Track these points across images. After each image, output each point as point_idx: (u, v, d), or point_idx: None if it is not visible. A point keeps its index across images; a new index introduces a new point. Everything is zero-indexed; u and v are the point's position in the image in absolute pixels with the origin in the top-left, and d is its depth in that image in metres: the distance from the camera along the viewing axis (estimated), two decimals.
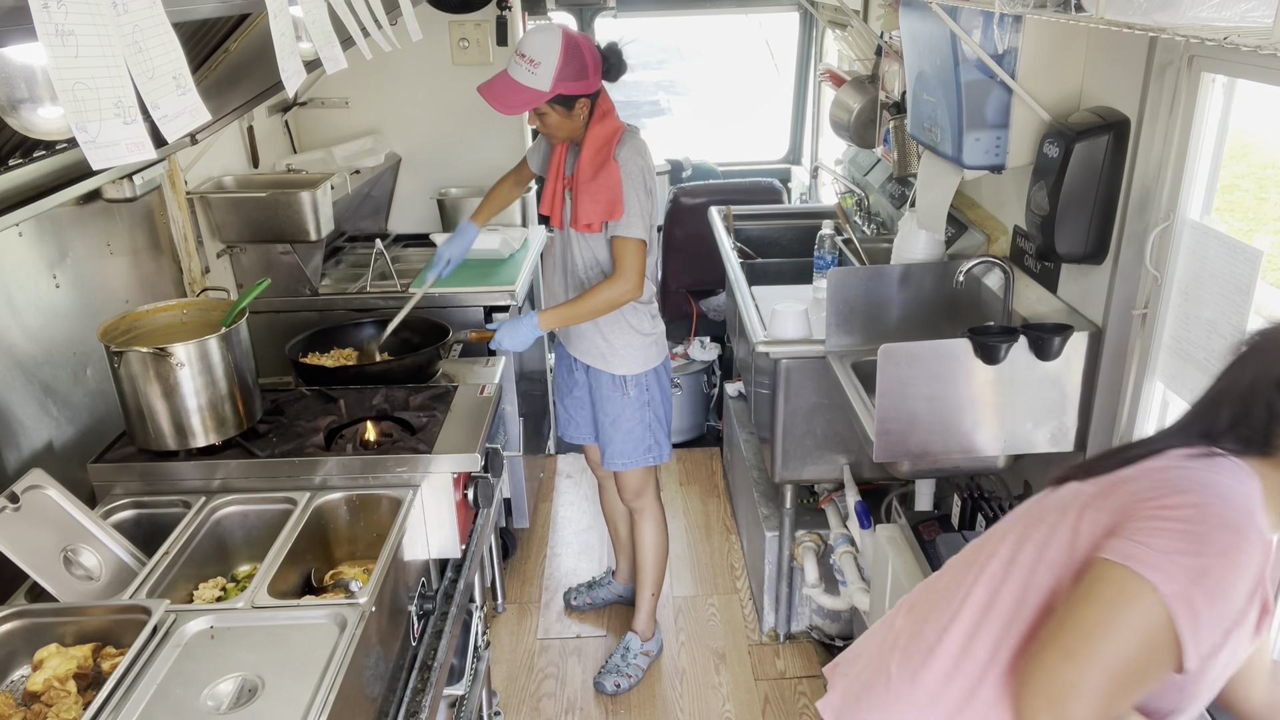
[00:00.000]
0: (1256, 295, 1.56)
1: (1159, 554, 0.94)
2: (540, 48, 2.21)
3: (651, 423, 2.62)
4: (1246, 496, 1.00)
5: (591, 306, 2.38)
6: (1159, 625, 0.93)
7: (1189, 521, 0.96)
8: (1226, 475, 1.02)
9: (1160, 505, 0.99)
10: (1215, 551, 0.94)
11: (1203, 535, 0.95)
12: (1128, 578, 0.95)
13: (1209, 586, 0.93)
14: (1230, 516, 0.97)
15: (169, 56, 0.84)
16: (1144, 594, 0.93)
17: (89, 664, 1.40)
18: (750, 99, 7.56)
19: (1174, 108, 1.76)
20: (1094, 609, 0.96)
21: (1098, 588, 0.97)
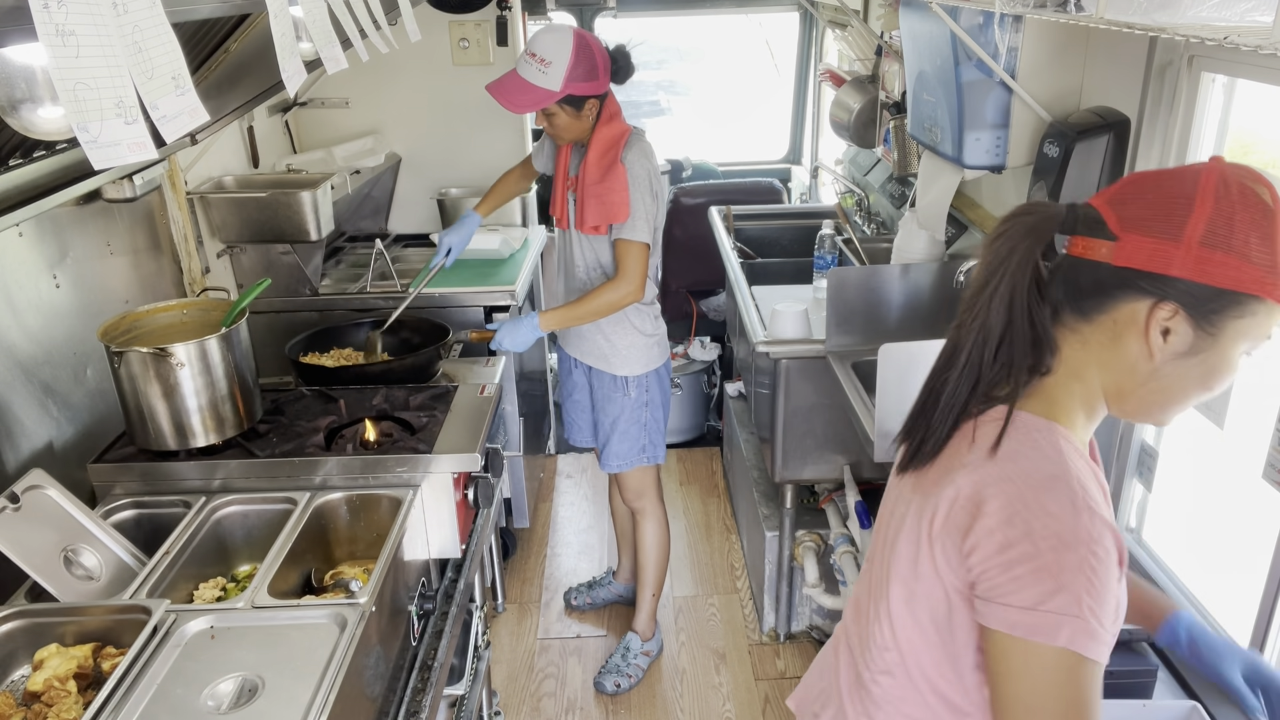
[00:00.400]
0: None
1: (1034, 613, 0.94)
2: (552, 47, 2.21)
3: (648, 423, 2.62)
4: (1056, 465, 0.99)
5: (593, 308, 2.38)
6: (1077, 663, 0.94)
7: (1030, 560, 0.94)
8: (1029, 460, 1.00)
9: (996, 547, 0.97)
10: (1073, 572, 0.93)
11: (1050, 567, 0.94)
12: (1021, 646, 0.95)
13: (1090, 604, 0.93)
14: (1059, 522, 0.95)
15: (168, 57, 0.84)
16: (1045, 654, 0.94)
17: (89, 664, 1.40)
18: (750, 99, 7.55)
19: (1174, 108, 1.76)
20: (1019, 684, 0.97)
21: (1009, 663, 0.97)
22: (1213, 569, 1.86)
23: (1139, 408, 1.06)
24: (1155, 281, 0.96)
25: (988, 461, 1.02)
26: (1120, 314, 0.99)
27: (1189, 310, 0.96)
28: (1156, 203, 0.97)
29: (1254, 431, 1.53)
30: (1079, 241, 1.01)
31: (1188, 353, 0.98)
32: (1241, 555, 1.77)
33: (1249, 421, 1.60)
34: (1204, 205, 0.94)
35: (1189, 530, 2.02)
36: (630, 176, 2.32)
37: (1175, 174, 0.99)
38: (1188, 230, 0.94)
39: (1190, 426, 1.81)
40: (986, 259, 1.03)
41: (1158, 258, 0.95)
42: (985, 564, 0.98)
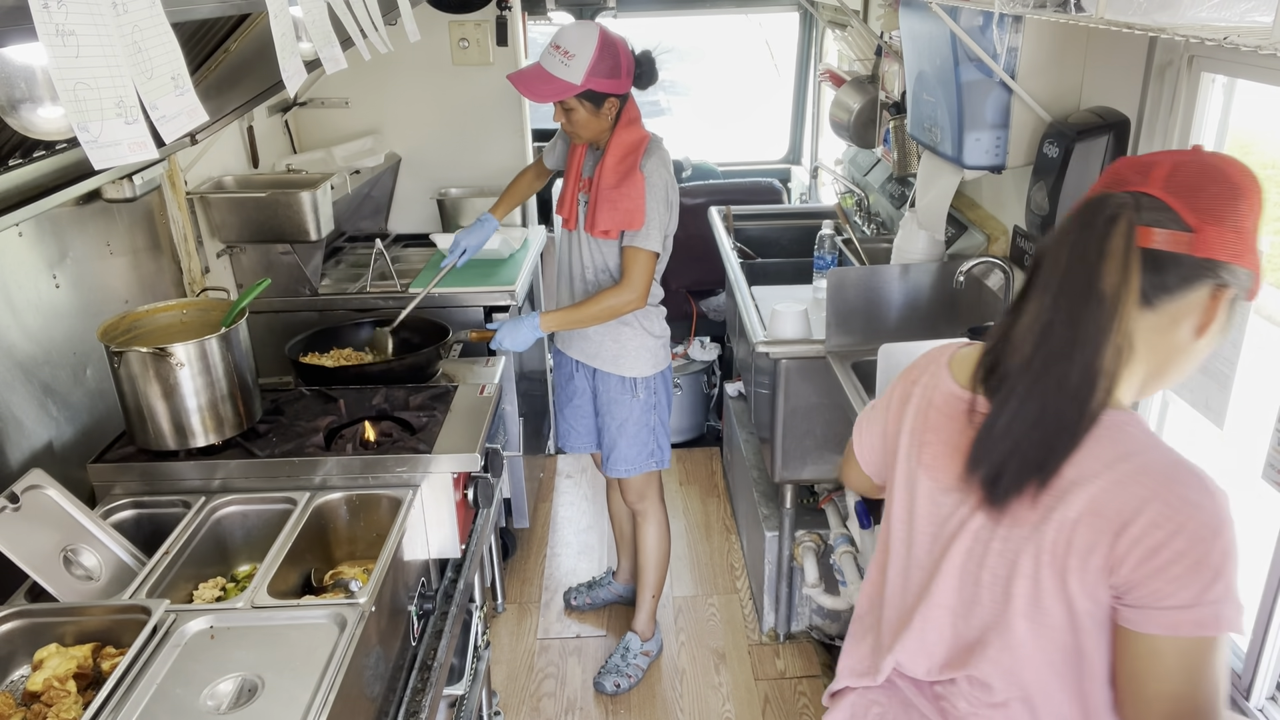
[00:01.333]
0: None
1: (1194, 609, 0.95)
2: (576, 41, 2.22)
3: (655, 426, 2.62)
4: (1167, 451, 1.01)
5: (594, 313, 2.38)
6: (1224, 643, 0.98)
7: (1184, 556, 0.95)
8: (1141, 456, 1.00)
9: (1147, 554, 0.97)
10: (1222, 557, 0.95)
11: (1205, 558, 0.95)
12: (1181, 644, 0.97)
13: (1235, 584, 0.95)
14: (1199, 509, 0.96)
15: (168, 57, 0.84)
16: (1206, 645, 0.96)
17: (89, 664, 1.40)
18: (750, 99, 7.55)
19: (1174, 108, 1.76)
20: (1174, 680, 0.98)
21: (1158, 663, 0.98)
22: None
23: (1163, 385, 1.10)
24: (1226, 269, 1.01)
25: (1099, 472, 1.00)
26: (1186, 301, 1.02)
27: (1238, 293, 1.03)
28: (1217, 196, 1.00)
29: (1254, 431, 1.53)
30: (1158, 234, 1.01)
31: (1220, 330, 1.05)
32: (1241, 555, 1.76)
33: (1249, 421, 1.60)
34: (1249, 195, 1.00)
35: None
36: (648, 185, 2.32)
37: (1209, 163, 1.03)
38: (1246, 222, 1.00)
39: (1190, 426, 1.81)
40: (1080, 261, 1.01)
41: (1231, 247, 1.00)
42: (1136, 573, 0.98)
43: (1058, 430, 1.02)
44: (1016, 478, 1.04)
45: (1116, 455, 1.01)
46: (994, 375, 1.09)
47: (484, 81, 3.50)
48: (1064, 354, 1.02)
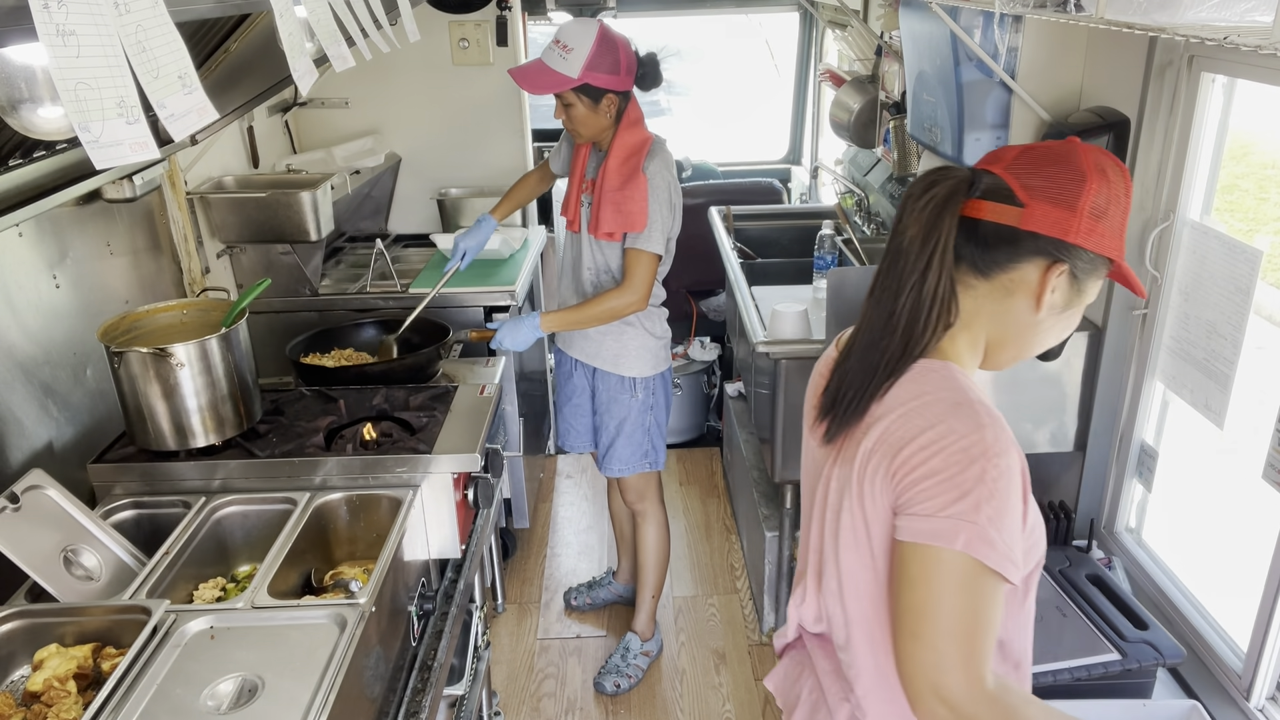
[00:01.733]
0: (1256, 295, 1.56)
1: (935, 519, 1.01)
2: (576, 35, 2.24)
3: (651, 428, 2.62)
4: (958, 393, 1.08)
5: (595, 314, 2.39)
6: (973, 572, 1.00)
7: (938, 473, 1.02)
8: (931, 394, 1.08)
9: (909, 468, 1.05)
10: (974, 482, 1.00)
11: (954, 476, 1.01)
12: (924, 552, 1.02)
13: (989, 513, 1.00)
14: (963, 438, 1.03)
15: (173, 56, 0.84)
16: (944, 559, 1.01)
17: (89, 664, 1.39)
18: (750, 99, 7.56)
19: (1174, 108, 1.76)
20: (916, 591, 1.02)
21: (909, 570, 1.04)
22: (1213, 569, 1.87)
23: (1007, 357, 1.18)
24: (1056, 245, 1.08)
25: (894, 409, 1.10)
26: (1017, 273, 1.10)
27: (1073, 270, 1.09)
28: (1053, 176, 1.08)
29: (1254, 431, 1.53)
30: (986, 205, 1.10)
31: (1063, 307, 1.12)
32: (1241, 555, 1.77)
33: (1249, 421, 1.60)
34: (1092, 181, 1.07)
35: (1189, 530, 2.02)
36: (651, 188, 2.32)
37: (1057, 150, 1.11)
38: (1081, 202, 1.07)
39: (1190, 426, 1.81)
40: (920, 225, 1.10)
41: (1060, 224, 1.07)
42: (901, 484, 1.06)
43: (873, 371, 1.13)
44: (841, 414, 1.16)
45: (911, 394, 1.10)
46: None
47: (484, 81, 3.50)
48: (883, 306, 1.13)
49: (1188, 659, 1.66)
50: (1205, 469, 2.00)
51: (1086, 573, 1.82)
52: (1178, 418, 1.89)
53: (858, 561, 1.15)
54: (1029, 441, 2.02)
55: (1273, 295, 1.74)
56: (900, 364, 1.12)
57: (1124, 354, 1.94)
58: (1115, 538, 2.05)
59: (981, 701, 1.00)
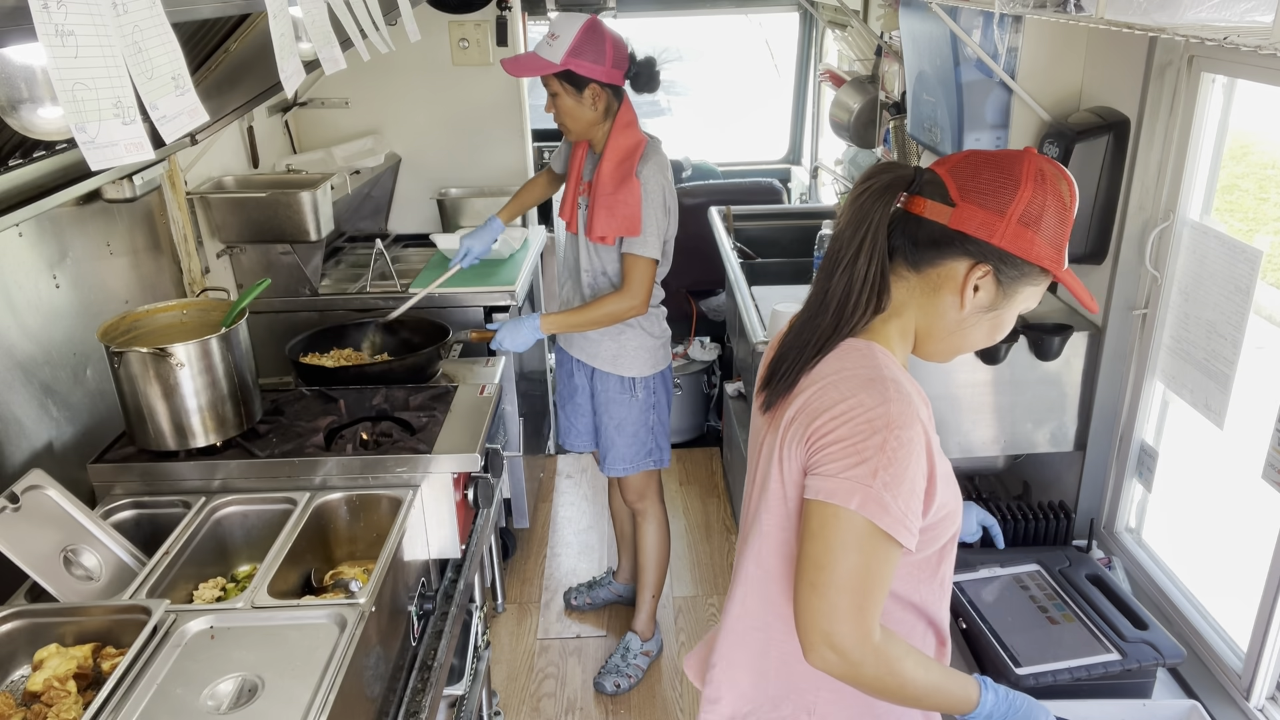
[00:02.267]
0: (1256, 295, 1.56)
1: (835, 479, 1.09)
2: (563, 24, 2.27)
3: (655, 426, 2.62)
4: (872, 370, 1.15)
5: (594, 317, 2.40)
6: (866, 532, 1.08)
7: (843, 440, 1.10)
8: (849, 370, 1.16)
9: (819, 434, 1.13)
10: (874, 451, 1.08)
11: (857, 444, 1.09)
12: (824, 509, 1.10)
13: (885, 479, 1.08)
14: (869, 410, 1.10)
15: (168, 57, 0.84)
16: (841, 516, 1.09)
17: (89, 664, 1.40)
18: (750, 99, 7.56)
19: (1174, 108, 1.76)
20: (815, 543, 1.11)
21: (811, 524, 1.12)
22: (1213, 569, 1.86)
23: (939, 349, 1.24)
24: (979, 246, 1.13)
25: (815, 381, 1.18)
26: (944, 269, 1.17)
27: (998, 273, 1.15)
28: (990, 180, 1.13)
29: (1254, 431, 1.53)
30: (922, 202, 1.16)
31: (988, 307, 1.18)
32: (1241, 555, 1.77)
33: (1249, 421, 1.60)
34: (1026, 189, 1.12)
35: (1189, 530, 2.02)
36: (645, 192, 2.32)
37: (1003, 157, 1.16)
38: (1011, 208, 1.11)
39: (1190, 426, 1.81)
40: (853, 215, 1.17)
41: (985, 227, 1.12)
42: (812, 448, 1.14)
43: (804, 345, 1.21)
44: (775, 385, 1.23)
45: (833, 369, 1.17)
46: None
47: (484, 82, 3.50)
48: (819, 286, 1.21)
49: (1188, 659, 1.66)
50: (1205, 469, 2.00)
51: (1086, 573, 1.82)
52: (1178, 418, 1.89)
53: (774, 523, 1.23)
54: (1029, 441, 2.02)
55: (1273, 295, 1.73)
56: (830, 340, 1.19)
57: (1124, 354, 1.94)
58: (1115, 538, 2.05)
59: (868, 651, 1.09)
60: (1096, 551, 1.97)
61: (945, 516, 1.19)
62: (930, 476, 1.13)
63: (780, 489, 1.21)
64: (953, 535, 1.24)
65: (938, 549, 1.23)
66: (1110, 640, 1.63)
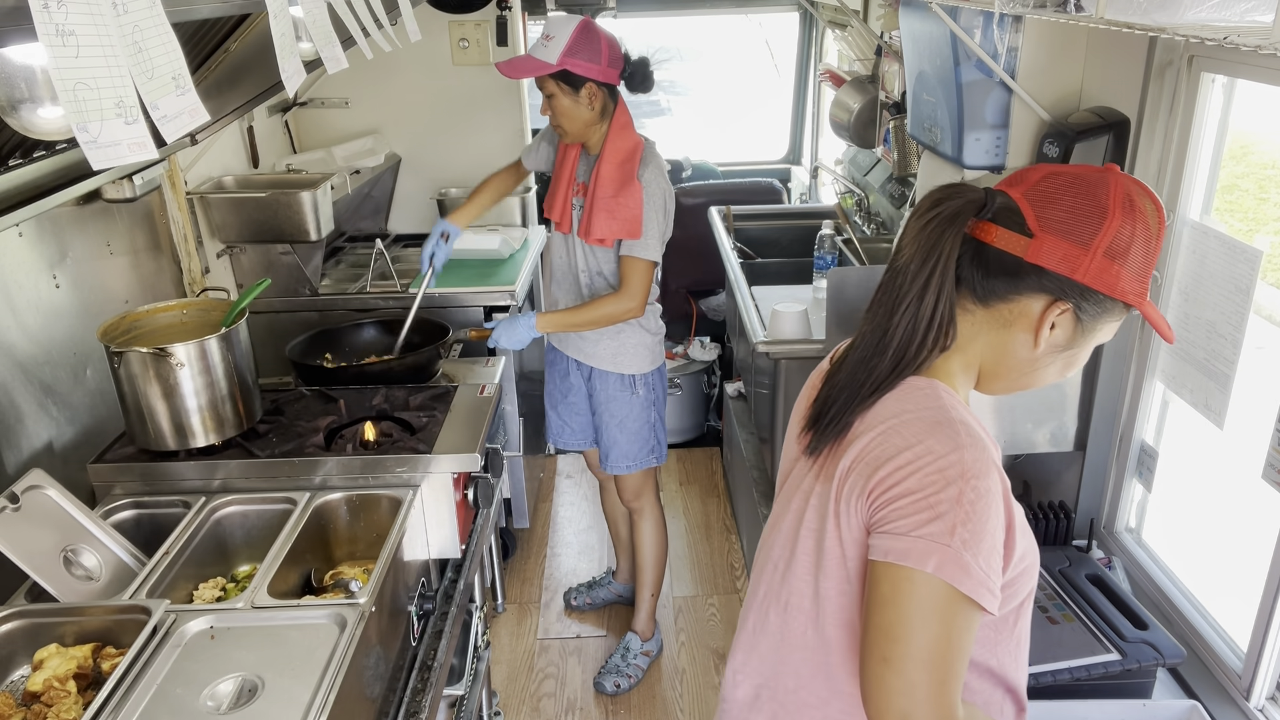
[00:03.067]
0: (1256, 295, 1.56)
1: (907, 538, 0.97)
2: (557, 25, 2.26)
3: (655, 423, 2.63)
4: (938, 411, 1.03)
5: (591, 318, 2.40)
6: (946, 597, 0.95)
7: (913, 493, 0.98)
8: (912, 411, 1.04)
9: (885, 487, 1.01)
10: (950, 505, 0.96)
11: (929, 497, 0.97)
12: (895, 572, 0.97)
13: (964, 536, 0.95)
14: (941, 458, 0.98)
15: (168, 57, 0.84)
16: (915, 581, 0.96)
17: (89, 664, 1.39)
18: (750, 99, 7.56)
19: (1174, 108, 1.76)
20: (887, 612, 0.97)
21: (880, 590, 0.99)
22: (1213, 569, 1.87)
23: (1005, 387, 1.13)
24: (1059, 282, 1.02)
25: (874, 426, 1.05)
26: (1018, 305, 1.05)
27: (1078, 310, 1.03)
28: (1074, 208, 1.01)
29: (1254, 431, 1.53)
30: (995, 231, 1.04)
31: (1064, 346, 1.07)
32: (1241, 555, 1.77)
33: (1249, 421, 1.60)
34: (1114, 219, 1.00)
35: (1189, 530, 2.02)
36: (647, 195, 2.33)
37: (1088, 179, 1.04)
38: (1097, 240, 1.00)
39: (1190, 426, 1.81)
40: (920, 246, 1.05)
41: (1068, 261, 1.01)
42: (876, 503, 1.01)
43: (859, 387, 1.09)
44: (825, 428, 1.11)
45: (893, 412, 1.05)
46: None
47: (484, 81, 3.50)
48: (877, 324, 1.09)
49: (1188, 659, 1.66)
50: (1205, 469, 2.00)
51: (1086, 573, 1.82)
52: (1178, 418, 1.89)
53: (834, 587, 1.10)
54: (1029, 441, 2.02)
55: (1273, 295, 1.73)
56: (888, 382, 1.08)
57: (1124, 354, 1.94)
58: (1115, 538, 2.05)
59: None
60: (1096, 551, 1.97)
61: (1025, 569, 1.07)
62: (1009, 527, 1.01)
63: (838, 549, 1.08)
64: (1031, 590, 1.11)
65: (1016, 605, 1.10)
66: (1110, 640, 1.63)
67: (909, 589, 0.96)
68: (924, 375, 1.09)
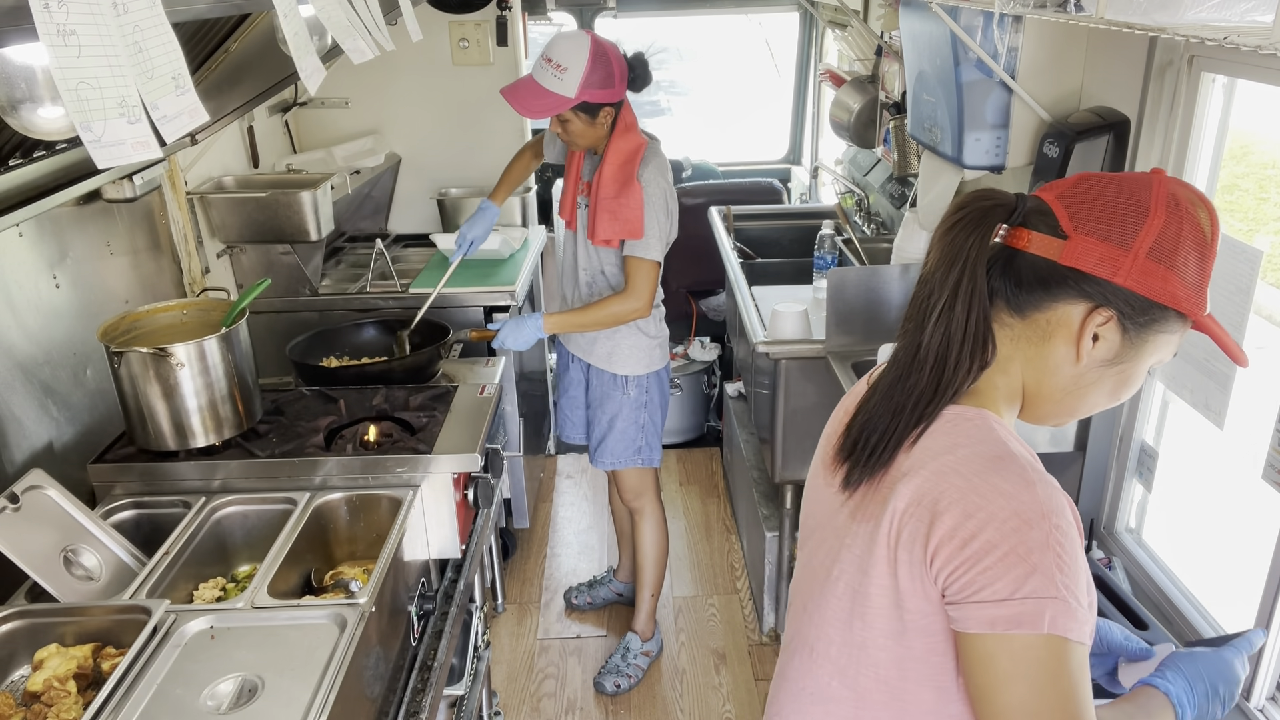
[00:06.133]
0: (1256, 295, 1.56)
1: (1013, 602, 0.88)
2: (568, 53, 2.21)
3: (645, 424, 2.63)
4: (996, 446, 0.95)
5: (597, 318, 2.40)
6: (1063, 649, 0.88)
7: (997, 546, 0.89)
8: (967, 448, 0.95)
9: (961, 543, 0.91)
10: (1039, 549, 0.88)
11: (1016, 548, 0.88)
12: (1011, 643, 0.89)
13: (1065, 583, 0.88)
14: (1014, 499, 0.90)
15: (168, 57, 0.84)
16: (1034, 645, 0.88)
17: (89, 664, 1.39)
18: (750, 99, 7.55)
19: (1174, 108, 1.76)
20: (1018, 687, 0.89)
21: (994, 668, 0.90)
22: (1213, 569, 1.87)
23: (1052, 411, 1.04)
24: (1099, 286, 0.95)
25: (925, 463, 0.97)
26: (1056, 314, 0.98)
27: (1123, 318, 0.95)
28: (1111, 207, 0.95)
29: (1254, 431, 1.53)
30: (1027, 235, 0.98)
31: (1112, 360, 0.98)
32: (1241, 555, 1.77)
33: (1249, 421, 1.60)
34: (1156, 218, 0.93)
35: (1189, 530, 2.02)
36: (646, 196, 2.32)
37: (1129, 180, 0.97)
38: (1138, 240, 0.93)
39: (1190, 426, 1.81)
40: (944, 252, 0.98)
41: (1106, 263, 0.94)
42: (951, 565, 0.92)
43: (899, 411, 1.00)
44: (864, 461, 1.02)
45: (944, 447, 0.97)
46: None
47: (484, 81, 3.50)
48: (909, 339, 1.01)
49: None
50: (1205, 469, 2.00)
51: None
52: (1178, 418, 1.89)
53: (880, 639, 1.01)
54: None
55: (1273, 295, 1.73)
56: (931, 407, 0.99)
57: None
58: (1115, 538, 2.05)
59: None
60: (1097, 552, 1.97)
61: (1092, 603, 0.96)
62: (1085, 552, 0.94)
63: (889, 599, 0.98)
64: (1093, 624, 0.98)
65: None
66: None
67: (1030, 655, 0.88)
68: (968, 404, 1.00)
